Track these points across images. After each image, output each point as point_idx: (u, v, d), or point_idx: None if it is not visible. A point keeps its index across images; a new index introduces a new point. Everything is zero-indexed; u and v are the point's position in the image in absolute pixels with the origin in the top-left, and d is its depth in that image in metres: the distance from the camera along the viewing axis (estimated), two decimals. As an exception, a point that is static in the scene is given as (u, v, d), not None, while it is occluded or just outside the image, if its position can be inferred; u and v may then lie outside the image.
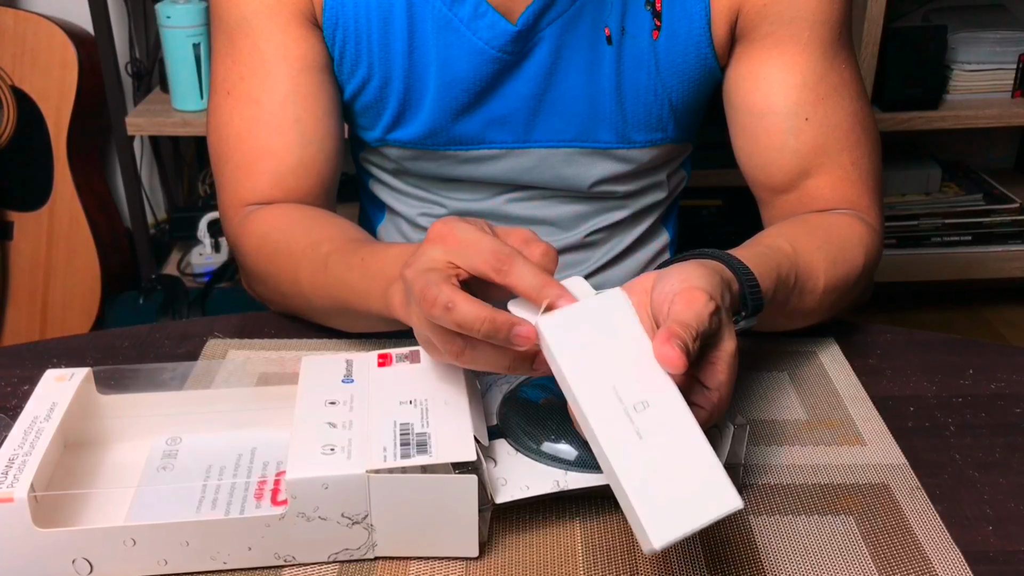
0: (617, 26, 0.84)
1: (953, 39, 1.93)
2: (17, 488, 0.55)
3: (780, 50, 0.83)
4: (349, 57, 0.85)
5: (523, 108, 0.87)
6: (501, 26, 0.82)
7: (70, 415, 0.63)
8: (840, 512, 0.63)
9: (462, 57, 0.84)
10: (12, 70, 1.84)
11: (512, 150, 0.89)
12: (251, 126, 0.84)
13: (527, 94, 0.86)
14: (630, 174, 0.92)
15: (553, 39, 0.84)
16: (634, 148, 0.89)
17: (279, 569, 0.59)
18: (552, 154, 0.89)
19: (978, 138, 2.24)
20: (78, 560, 0.57)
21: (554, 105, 0.87)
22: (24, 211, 1.93)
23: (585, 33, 0.84)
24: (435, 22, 0.83)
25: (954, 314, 2.22)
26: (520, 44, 0.84)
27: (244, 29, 0.83)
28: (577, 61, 0.85)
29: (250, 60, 0.84)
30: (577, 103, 0.86)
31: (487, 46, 0.83)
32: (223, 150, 0.86)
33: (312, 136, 0.85)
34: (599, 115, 0.87)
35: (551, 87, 0.86)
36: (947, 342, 0.83)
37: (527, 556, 0.60)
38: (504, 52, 0.84)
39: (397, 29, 0.84)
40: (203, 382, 0.74)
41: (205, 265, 1.95)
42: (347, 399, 0.63)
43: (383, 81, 0.86)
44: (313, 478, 0.56)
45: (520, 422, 0.65)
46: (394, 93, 0.87)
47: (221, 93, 0.86)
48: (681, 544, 0.60)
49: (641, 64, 0.85)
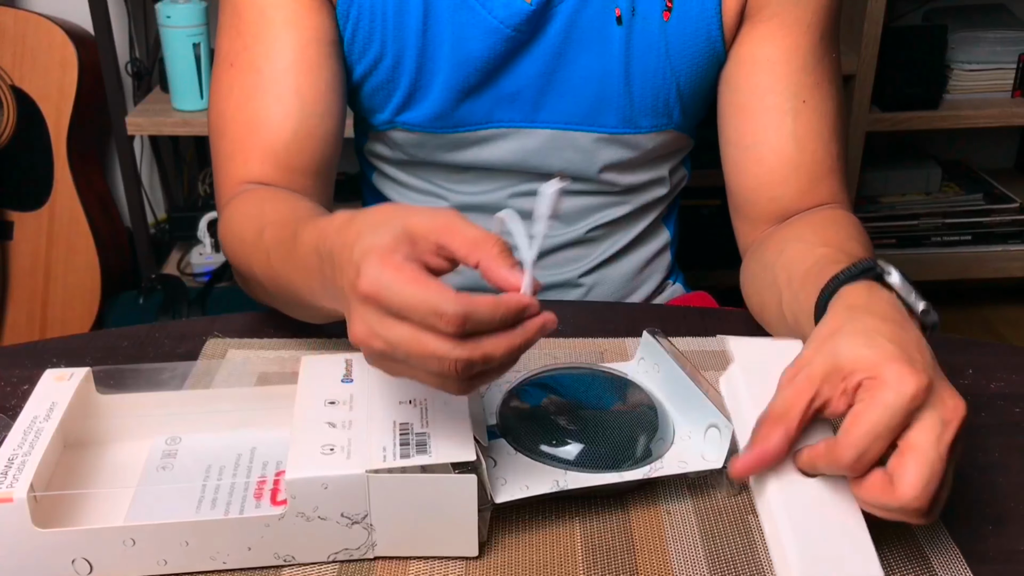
0: (628, 6, 0.84)
1: (953, 39, 1.94)
2: (17, 488, 0.55)
3: (785, 32, 0.83)
4: (362, 35, 0.85)
5: (531, 86, 0.87)
6: (516, 5, 0.82)
7: (70, 415, 0.63)
8: (840, 512, 0.63)
9: (476, 36, 0.84)
10: (12, 70, 1.84)
11: (519, 129, 0.89)
12: (250, 94, 0.82)
13: (535, 72, 0.86)
14: (634, 162, 0.92)
15: (565, 17, 0.84)
16: (640, 133, 0.89)
17: (279, 569, 0.59)
18: (558, 136, 0.89)
19: (978, 138, 2.24)
20: (78, 560, 0.57)
21: (563, 85, 0.86)
22: (24, 211, 1.93)
23: (596, 13, 0.84)
24: (450, 0, 0.83)
25: (954, 314, 2.22)
26: (534, 23, 0.84)
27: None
28: (587, 41, 0.85)
29: (255, 28, 0.82)
30: (585, 84, 0.86)
31: (502, 24, 0.83)
32: (220, 124, 0.84)
33: (312, 109, 0.82)
34: (606, 98, 0.87)
35: (560, 67, 0.86)
36: (947, 342, 0.83)
37: (527, 556, 0.60)
38: (518, 31, 0.83)
39: (412, 7, 0.83)
40: (203, 382, 0.74)
41: (205, 265, 1.95)
42: (347, 399, 0.63)
43: (395, 60, 0.86)
44: (313, 478, 0.56)
45: (520, 422, 0.65)
46: (406, 73, 0.86)
47: (224, 66, 0.84)
48: (681, 544, 0.60)
49: (651, 46, 0.85)
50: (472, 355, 0.52)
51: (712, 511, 0.63)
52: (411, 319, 0.52)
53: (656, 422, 0.66)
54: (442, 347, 0.52)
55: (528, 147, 0.89)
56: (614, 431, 0.64)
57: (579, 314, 0.86)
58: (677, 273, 1.07)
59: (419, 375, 0.54)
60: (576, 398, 0.68)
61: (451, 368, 0.52)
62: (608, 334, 0.82)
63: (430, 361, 0.52)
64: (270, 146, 0.82)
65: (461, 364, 0.52)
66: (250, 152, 0.82)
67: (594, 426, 0.64)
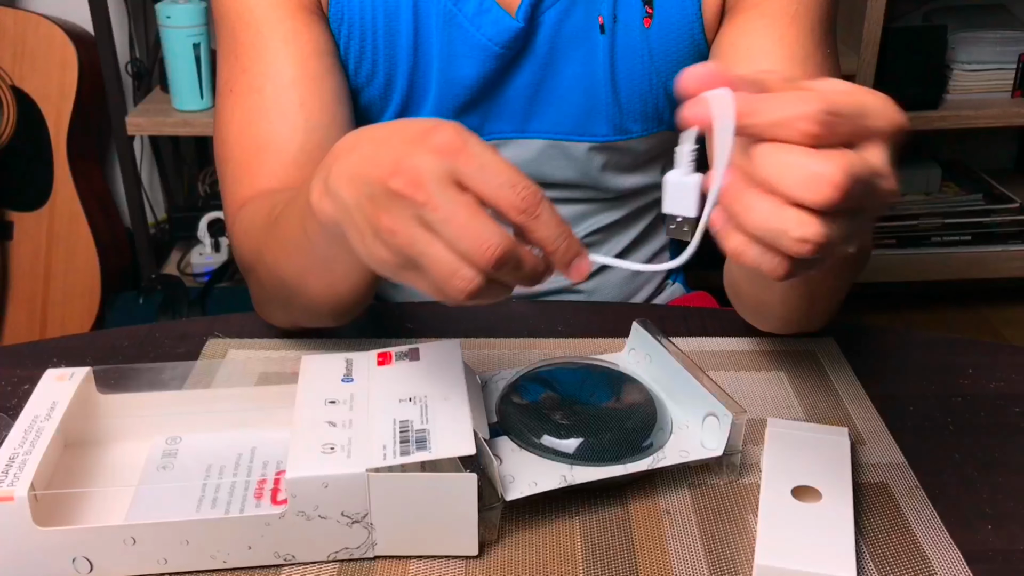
0: (610, 14, 0.84)
1: (953, 39, 1.94)
2: (17, 487, 0.55)
3: (767, 21, 0.80)
4: (354, 53, 0.85)
5: (519, 98, 0.87)
6: (505, 22, 0.82)
7: (70, 414, 0.63)
8: (840, 511, 0.63)
9: (465, 53, 0.84)
10: (12, 70, 1.85)
11: (510, 140, 0.89)
12: (252, 117, 0.80)
13: (523, 84, 0.86)
14: (629, 166, 0.92)
15: (550, 29, 0.84)
16: (631, 138, 0.89)
17: (279, 568, 0.59)
18: (552, 146, 0.89)
19: (978, 138, 2.24)
20: (78, 559, 0.57)
21: (551, 94, 0.87)
22: (24, 211, 1.93)
23: (579, 22, 0.84)
24: (439, 18, 0.83)
25: (954, 314, 2.22)
26: (522, 39, 0.84)
27: (247, 19, 0.81)
28: (573, 51, 0.85)
29: (253, 50, 0.81)
30: (573, 93, 0.86)
31: (490, 42, 0.83)
32: (225, 152, 0.82)
33: (318, 121, 0.80)
34: (595, 106, 0.87)
35: (547, 77, 0.86)
36: (947, 342, 0.83)
37: (527, 555, 0.60)
38: (507, 48, 0.84)
39: (403, 24, 0.83)
40: (203, 382, 0.74)
41: (205, 265, 1.96)
42: (347, 398, 0.63)
43: (387, 78, 0.86)
44: (313, 477, 0.56)
45: (520, 417, 0.65)
46: (398, 90, 0.86)
47: (224, 94, 0.83)
48: (681, 543, 0.60)
49: (634, 52, 0.85)
50: (515, 249, 0.49)
51: (712, 511, 0.63)
52: (483, 185, 0.49)
53: (654, 412, 0.66)
54: (492, 228, 0.48)
55: (522, 157, 0.90)
56: (615, 423, 0.64)
57: (578, 314, 0.86)
58: (677, 272, 1.07)
59: (431, 259, 0.50)
60: (576, 391, 0.68)
61: (486, 254, 0.48)
62: (608, 334, 0.82)
63: (467, 239, 0.48)
64: (278, 163, 0.79)
65: (501, 250, 0.48)
66: (257, 172, 0.80)
67: (595, 419, 0.65)
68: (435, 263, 0.50)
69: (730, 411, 0.62)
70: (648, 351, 0.71)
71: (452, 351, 0.67)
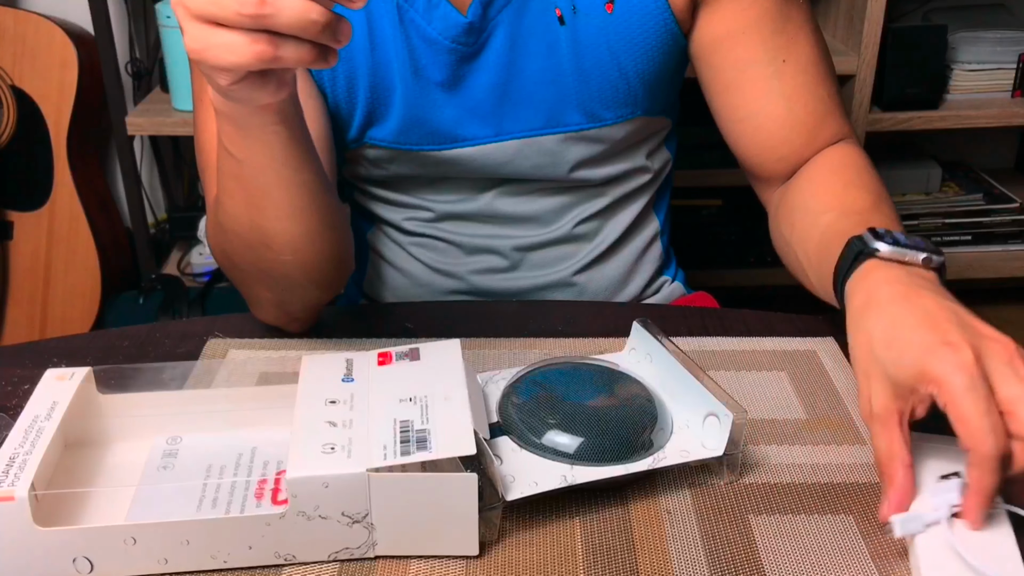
0: (568, 6, 0.85)
1: (953, 39, 1.94)
2: (18, 487, 0.55)
3: (746, 4, 0.84)
4: None
5: (488, 99, 0.87)
6: (453, 18, 0.84)
7: (70, 414, 0.63)
8: (840, 512, 0.63)
9: (420, 47, 0.85)
10: (12, 70, 1.85)
11: (487, 145, 0.89)
12: None
13: (490, 84, 0.87)
14: (606, 155, 0.93)
15: (506, 27, 0.85)
16: (604, 126, 0.90)
17: (279, 568, 0.59)
18: (527, 144, 0.90)
19: (978, 138, 2.24)
20: (78, 559, 0.57)
21: (519, 93, 0.87)
22: (24, 211, 1.93)
23: (537, 17, 0.85)
24: (391, 15, 0.84)
25: (954, 314, 2.21)
26: (474, 35, 0.85)
27: None
28: (534, 46, 0.86)
29: None
30: (541, 89, 0.87)
31: (441, 37, 0.84)
32: (201, 160, 0.84)
33: None
34: (564, 98, 0.88)
35: (513, 76, 0.87)
36: (947, 342, 0.83)
37: (527, 555, 0.60)
38: (458, 43, 0.84)
39: (356, 24, 0.84)
40: (203, 382, 0.74)
41: (205, 265, 1.95)
42: (347, 398, 0.63)
43: (348, 80, 0.87)
44: (313, 477, 0.56)
45: (521, 417, 0.65)
46: (362, 89, 0.87)
47: (196, 103, 0.84)
48: (681, 543, 0.60)
49: (598, 41, 0.86)
50: None
51: (712, 511, 0.63)
52: None
53: (655, 412, 0.66)
54: None
55: (498, 159, 0.90)
56: (616, 423, 0.64)
57: (578, 314, 0.86)
58: (673, 266, 1.07)
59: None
60: (576, 391, 0.68)
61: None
62: (608, 334, 0.82)
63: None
64: None
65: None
66: None
67: (596, 419, 0.65)
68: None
69: (731, 411, 0.62)
70: (648, 351, 0.71)
71: (452, 351, 0.67)
